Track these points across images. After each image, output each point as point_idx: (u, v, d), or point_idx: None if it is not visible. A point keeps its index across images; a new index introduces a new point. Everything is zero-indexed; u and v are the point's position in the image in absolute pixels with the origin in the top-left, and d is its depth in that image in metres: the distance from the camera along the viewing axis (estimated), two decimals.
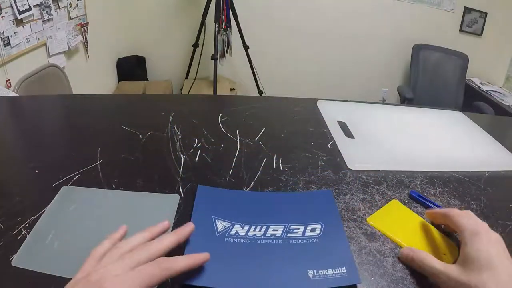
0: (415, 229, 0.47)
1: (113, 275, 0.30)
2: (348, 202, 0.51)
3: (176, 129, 0.67)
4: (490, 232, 0.38)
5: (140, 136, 0.64)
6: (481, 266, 0.34)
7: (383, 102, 2.96)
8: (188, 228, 0.39)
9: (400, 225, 0.47)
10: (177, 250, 0.40)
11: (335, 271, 0.38)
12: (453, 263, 0.38)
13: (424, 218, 0.49)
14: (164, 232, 0.40)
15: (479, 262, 0.35)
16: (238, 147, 0.63)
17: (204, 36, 2.47)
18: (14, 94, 1.39)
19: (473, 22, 2.71)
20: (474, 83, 2.74)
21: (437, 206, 0.50)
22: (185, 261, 0.35)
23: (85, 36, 2.10)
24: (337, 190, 0.53)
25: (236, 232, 0.43)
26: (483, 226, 0.39)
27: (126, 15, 2.64)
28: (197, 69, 2.56)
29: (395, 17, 2.71)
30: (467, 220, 0.40)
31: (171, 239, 0.37)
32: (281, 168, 0.58)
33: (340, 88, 2.97)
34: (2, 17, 1.37)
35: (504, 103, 2.44)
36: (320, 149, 0.64)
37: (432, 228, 0.47)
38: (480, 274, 0.34)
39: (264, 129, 0.70)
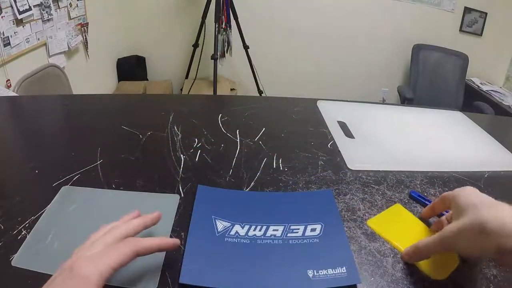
0: (416, 234, 0.46)
1: (83, 258, 0.32)
2: (348, 202, 0.51)
3: (176, 129, 0.67)
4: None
5: (140, 136, 0.64)
6: (475, 205, 0.35)
7: (383, 102, 2.96)
8: (155, 214, 0.40)
9: (400, 229, 0.47)
10: (177, 251, 0.40)
11: (335, 271, 0.38)
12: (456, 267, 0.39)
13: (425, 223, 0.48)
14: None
15: (472, 203, 0.36)
16: (238, 147, 0.63)
17: (204, 36, 2.47)
18: (14, 94, 1.39)
19: (473, 22, 2.71)
20: (474, 83, 2.74)
21: None
22: (154, 241, 0.36)
23: (85, 36, 2.10)
24: (337, 190, 0.53)
25: (236, 232, 0.43)
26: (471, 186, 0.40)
27: (126, 15, 2.63)
28: (197, 69, 2.56)
29: (395, 17, 2.71)
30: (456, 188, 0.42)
31: (138, 222, 0.38)
32: (281, 168, 0.58)
33: (340, 88, 2.97)
34: (2, 17, 1.37)
35: (504, 103, 2.44)
36: (320, 149, 0.64)
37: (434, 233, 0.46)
38: (479, 210, 0.34)
39: (264, 129, 0.70)
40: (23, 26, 1.52)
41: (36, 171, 0.53)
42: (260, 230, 0.43)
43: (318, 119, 0.76)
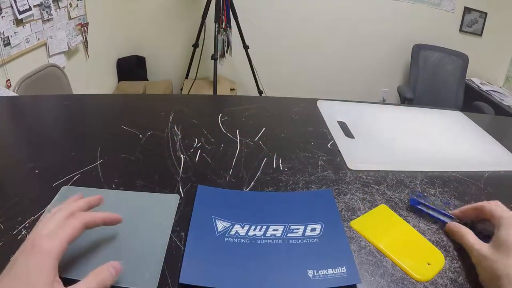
0: (401, 235, 0.46)
1: (41, 235, 0.34)
2: (348, 202, 0.51)
3: (176, 129, 0.67)
4: None
5: (140, 136, 0.64)
6: (510, 250, 0.37)
7: (383, 102, 2.96)
8: (97, 196, 0.41)
9: (384, 230, 0.46)
10: (177, 251, 0.40)
11: (335, 271, 0.38)
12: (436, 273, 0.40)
13: (411, 226, 0.47)
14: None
15: (509, 245, 0.37)
16: (238, 147, 0.63)
17: (204, 36, 2.47)
18: (14, 94, 1.39)
19: (473, 22, 2.71)
20: (474, 83, 2.74)
21: (441, 212, 0.48)
22: (98, 214, 0.38)
23: (85, 36, 2.10)
24: (337, 190, 0.53)
25: (236, 232, 0.43)
26: None
27: (126, 15, 2.64)
28: (197, 69, 2.56)
29: (395, 17, 2.71)
30: (503, 210, 0.43)
31: (84, 201, 0.40)
32: (281, 168, 0.58)
33: (340, 88, 2.97)
34: (2, 17, 1.37)
35: (504, 103, 2.44)
36: (320, 149, 0.64)
37: (419, 236, 0.46)
38: (509, 258, 0.36)
39: (264, 129, 0.70)
40: (23, 26, 1.52)
41: (36, 171, 0.53)
42: (260, 230, 0.44)
43: (318, 119, 0.76)
